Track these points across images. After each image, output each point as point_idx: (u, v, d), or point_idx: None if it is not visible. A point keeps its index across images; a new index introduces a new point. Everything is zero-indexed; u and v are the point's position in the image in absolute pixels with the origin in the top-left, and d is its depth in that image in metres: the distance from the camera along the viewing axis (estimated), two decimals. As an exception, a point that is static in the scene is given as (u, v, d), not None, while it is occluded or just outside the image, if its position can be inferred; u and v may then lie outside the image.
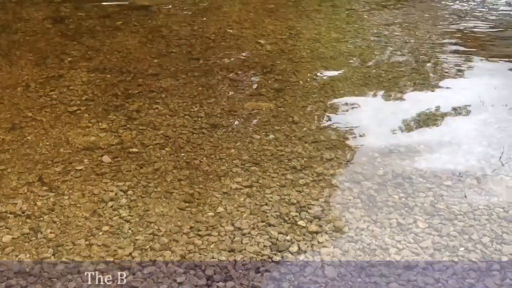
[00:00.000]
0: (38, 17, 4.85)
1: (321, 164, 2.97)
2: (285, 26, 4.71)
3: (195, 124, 3.33)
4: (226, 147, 3.12)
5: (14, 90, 3.66)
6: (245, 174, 2.89)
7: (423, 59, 4.16)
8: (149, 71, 3.96)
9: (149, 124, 3.31)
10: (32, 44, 4.34)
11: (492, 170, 2.88)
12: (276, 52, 4.27)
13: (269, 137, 3.20)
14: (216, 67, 4.05)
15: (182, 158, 3.00)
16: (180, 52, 4.27)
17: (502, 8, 5.09)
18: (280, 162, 2.98)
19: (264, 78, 3.88)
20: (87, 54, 4.19)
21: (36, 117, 3.36)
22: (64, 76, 3.85)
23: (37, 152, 3.03)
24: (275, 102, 3.58)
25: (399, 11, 5.06)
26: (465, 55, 4.22)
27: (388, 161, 2.98)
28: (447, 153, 3.03)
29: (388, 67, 4.03)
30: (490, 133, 3.23)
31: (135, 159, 2.98)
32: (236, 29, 4.68)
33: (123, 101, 3.56)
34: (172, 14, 5.03)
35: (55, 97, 3.58)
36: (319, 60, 4.14)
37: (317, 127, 3.32)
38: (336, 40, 4.47)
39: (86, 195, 2.70)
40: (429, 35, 4.56)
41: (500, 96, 3.65)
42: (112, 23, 4.75)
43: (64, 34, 4.53)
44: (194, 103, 3.57)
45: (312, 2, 5.24)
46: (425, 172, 2.87)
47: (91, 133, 3.21)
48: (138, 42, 4.40)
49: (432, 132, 3.25)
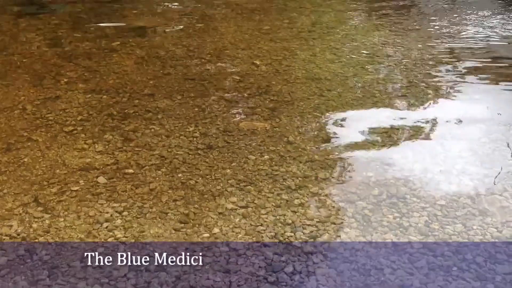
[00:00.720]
0: (35, 39, 4.89)
1: (316, 184, 2.98)
2: (280, 47, 4.76)
3: (191, 144, 3.35)
4: (222, 167, 3.13)
5: (11, 111, 3.68)
6: (240, 194, 2.90)
7: (416, 78, 4.21)
8: (145, 91, 3.98)
9: (144, 145, 3.32)
10: (29, 65, 4.37)
11: (485, 190, 2.90)
12: (271, 72, 4.30)
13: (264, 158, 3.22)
14: (212, 87, 4.08)
15: (178, 179, 3.02)
16: (176, 73, 4.30)
17: (499, 31, 5.14)
18: (275, 182, 2.99)
19: (260, 99, 3.91)
20: (84, 75, 4.22)
21: (32, 137, 3.37)
22: (61, 97, 3.87)
23: (33, 173, 3.04)
24: (270, 122, 3.61)
25: (392, 32, 5.12)
26: (458, 75, 4.27)
27: (382, 181, 3.00)
28: (440, 172, 3.05)
29: (382, 87, 4.07)
30: (483, 152, 3.25)
31: (131, 180, 2.99)
32: (231, 50, 4.72)
33: (119, 121, 3.58)
34: (168, 35, 5.08)
35: (51, 118, 3.60)
36: (313, 80, 4.18)
37: (312, 147, 3.34)
38: (330, 61, 4.52)
39: (82, 217, 2.70)
40: (422, 55, 4.61)
41: (492, 116, 3.68)
42: (109, 45, 4.79)
43: (61, 56, 4.57)
44: (190, 123, 3.59)
45: (307, 24, 5.30)
46: (419, 192, 2.89)
47: (87, 154, 3.22)
48: (134, 63, 4.44)
49: (425, 152, 3.27)
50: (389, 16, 5.50)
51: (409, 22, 5.39)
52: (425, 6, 5.86)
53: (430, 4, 5.87)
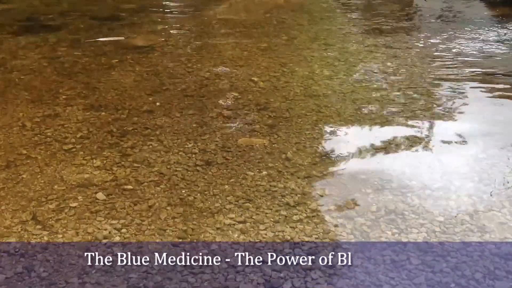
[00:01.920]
0: (34, 56, 4.92)
1: (315, 200, 2.98)
2: (278, 64, 4.79)
3: (189, 160, 3.36)
4: (220, 183, 3.14)
5: (10, 128, 3.69)
6: (239, 210, 2.90)
7: (415, 96, 4.23)
8: (144, 108, 4.00)
9: (143, 161, 3.33)
10: (28, 82, 4.39)
11: (484, 206, 2.90)
12: (270, 89, 4.32)
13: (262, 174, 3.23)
14: (210, 104, 4.10)
15: (176, 195, 3.02)
16: (175, 90, 4.32)
17: (493, 47, 5.18)
18: (274, 198, 3.00)
19: (258, 115, 3.93)
20: (83, 92, 4.23)
21: (31, 155, 3.38)
22: (60, 115, 3.88)
23: (31, 190, 3.04)
24: (268, 138, 3.62)
25: (390, 49, 5.15)
26: (455, 91, 4.29)
27: (380, 197, 3.00)
28: (439, 189, 3.06)
29: (380, 104, 4.09)
30: (481, 168, 3.26)
31: (130, 196, 3.00)
32: (230, 67, 4.74)
33: (117, 138, 3.59)
34: (167, 52, 5.10)
35: (50, 135, 3.61)
36: (311, 97, 4.20)
37: (310, 163, 3.35)
38: (329, 78, 4.54)
39: (80, 233, 2.70)
40: (419, 71, 4.64)
41: (490, 132, 3.70)
42: (108, 62, 4.82)
43: (60, 73, 4.59)
44: (189, 139, 3.60)
45: (305, 41, 5.33)
46: (417, 208, 2.89)
47: (85, 170, 3.23)
48: (133, 80, 4.46)
49: (423, 168, 3.28)
50: (387, 34, 5.54)
51: (407, 39, 5.43)
52: (423, 23, 5.91)
53: (427, 22, 5.91)
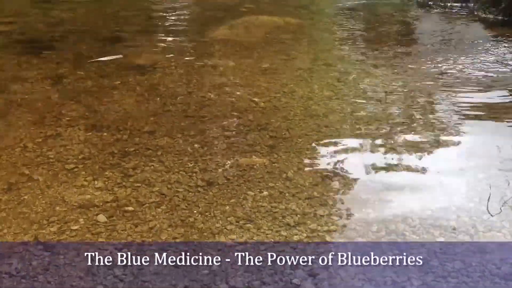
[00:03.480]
0: (36, 77, 4.96)
1: (315, 220, 2.99)
2: (278, 84, 4.82)
3: (191, 181, 3.37)
4: (221, 203, 3.15)
5: (12, 149, 3.71)
6: (240, 231, 2.90)
7: (415, 116, 4.24)
8: (145, 129, 4.02)
9: (144, 182, 3.34)
10: (30, 104, 4.42)
11: (484, 227, 2.91)
12: (270, 109, 4.35)
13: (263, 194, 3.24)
14: (211, 124, 4.13)
15: (177, 216, 3.03)
16: (176, 110, 4.35)
17: (493, 68, 5.20)
18: (274, 219, 3.00)
19: (259, 135, 3.95)
20: (85, 113, 4.26)
21: (33, 176, 3.39)
22: (62, 135, 3.91)
23: (33, 211, 3.05)
24: (269, 159, 3.63)
25: (390, 69, 5.18)
26: (455, 111, 4.31)
27: (381, 217, 3.01)
28: (439, 209, 3.06)
29: (380, 124, 4.11)
30: (482, 188, 3.27)
31: (131, 218, 3.01)
32: (231, 87, 4.78)
33: (119, 159, 3.61)
34: (168, 73, 5.14)
35: (52, 156, 3.63)
36: (312, 117, 4.22)
37: (311, 183, 3.36)
38: (328, 98, 4.57)
39: (81, 254, 2.70)
40: (419, 92, 4.66)
41: (489, 152, 3.71)
42: (110, 83, 4.85)
43: (62, 94, 4.62)
44: (190, 160, 3.62)
45: (305, 61, 5.37)
46: (418, 229, 2.89)
47: (87, 191, 3.24)
48: (135, 101, 4.49)
49: (424, 188, 3.29)
50: (387, 54, 5.58)
51: (407, 59, 5.47)
52: (423, 44, 5.95)
53: (427, 43, 5.96)
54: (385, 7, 7.44)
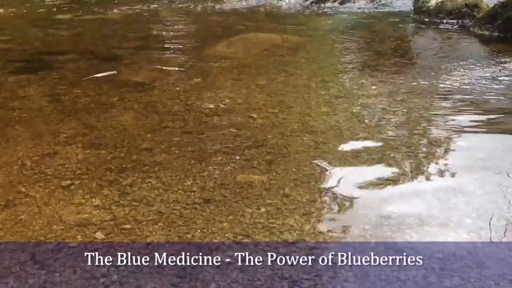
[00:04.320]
0: (34, 95, 4.97)
1: (313, 237, 2.99)
2: (276, 101, 4.84)
3: (188, 198, 3.37)
4: (219, 220, 3.14)
5: (10, 167, 3.71)
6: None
7: (412, 131, 4.25)
8: (142, 146, 4.03)
9: (142, 200, 3.34)
10: (28, 121, 4.43)
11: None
12: (268, 125, 4.36)
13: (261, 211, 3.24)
14: (209, 140, 4.13)
15: (175, 233, 3.02)
16: (174, 127, 4.36)
17: (489, 84, 5.23)
18: (272, 235, 3.00)
19: (256, 151, 3.96)
20: (83, 131, 4.27)
21: (30, 193, 3.39)
22: (59, 153, 3.91)
23: (30, 229, 3.04)
24: (267, 175, 3.64)
25: (387, 86, 5.20)
26: (453, 127, 4.32)
27: (379, 233, 3.01)
28: (437, 225, 3.06)
29: (377, 140, 4.12)
30: (480, 204, 3.27)
31: (128, 235, 3.00)
32: (228, 104, 4.79)
33: (117, 175, 3.61)
34: (166, 89, 5.16)
35: (49, 174, 3.63)
36: (309, 133, 4.23)
37: (309, 199, 3.36)
38: (326, 114, 4.58)
39: (78, 272, 2.69)
40: (417, 108, 4.67)
41: (486, 167, 3.71)
42: (108, 100, 4.87)
43: (60, 112, 4.63)
44: (187, 176, 3.62)
45: (302, 77, 5.40)
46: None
47: (84, 210, 3.24)
48: (133, 118, 4.50)
49: (421, 204, 3.29)
50: (383, 71, 5.61)
51: (404, 76, 5.49)
52: (419, 60, 5.98)
53: (424, 59, 5.99)
54: (382, 25, 7.49)
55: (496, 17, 6.75)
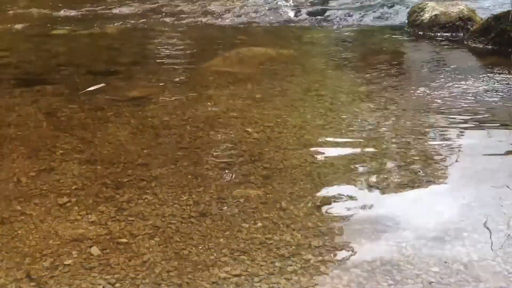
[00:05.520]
0: (30, 111, 4.97)
1: (310, 251, 2.99)
2: (272, 115, 4.85)
3: (184, 213, 3.37)
4: (215, 236, 3.14)
5: (6, 184, 3.71)
6: (234, 263, 2.90)
7: (407, 145, 4.26)
8: (138, 161, 4.03)
9: (138, 215, 3.34)
10: (24, 137, 4.43)
11: (478, 256, 2.91)
12: (264, 139, 4.37)
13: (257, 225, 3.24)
14: (205, 155, 4.14)
15: (171, 249, 3.02)
16: (170, 142, 4.37)
17: (483, 97, 5.25)
18: (269, 251, 3.00)
19: (252, 166, 3.96)
20: (78, 146, 4.27)
21: (26, 210, 3.39)
22: (56, 169, 3.91)
23: (26, 245, 3.04)
24: (263, 189, 3.64)
25: (382, 99, 5.22)
26: (448, 142, 4.34)
27: (375, 247, 3.01)
28: (433, 239, 3.07)
29: (373, 153, 4.13)
30: (475, 218, 3.28)
31: (124, 251, 3.00)
32: (224, 118, 4.81)
33: (113, 191, 3.61)
34: (162, 104, 5.17)
35: (45, 190, 3.63)
36: (305, 147, 4.24)
37: (305, 214, 3.36)
38: (321, 127, 4.60)
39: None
40: (413, 122, 4.68)
41: (482, 180, 3.73)
42: (104, 115, 4.87)
43: (56, 127, 4.63)
44: (184, 192, 3.62)
45: (297, 92, 5.42)
46: (412, 259, 2.89)
47: (80, 226, 3.24)
48: (129, 133, 4.51)
49: (418, 218, 3.30)
50: (378, 84, 5.63)
51: (399, 89, 5.51)
52: (413, 73, 6.01)
53: (418, 72, 6.02)
54: (376, 38, 7.53)
55: (489, 30, 6.80)
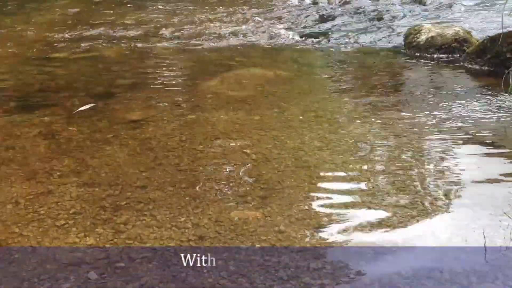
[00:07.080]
0: (29, 134, 4.98)
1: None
2: (270, 136, 4.86)
3: (182, 235, 3.37)
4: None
5: (3, 206, 3.71)
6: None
7: (406, 167, 4.26)
8: (137, 183, 4.03)
9: (136, 238, 3.33)
10: (22, 160, 4.43)
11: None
12: (262, 161, 4.38)
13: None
14: (203, 177, 4.14)
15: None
16: (168, 164, 4.37)
17: (481, 117, 5.27)
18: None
19: (251, 187, 3.97)
20: (77, 168, 4.27)
21: (23, 233, 3.38)
22: (54, 192, 3.91)
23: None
24: (261, 211, 3.64)
25: (381, 120, 5.24)
26: (446, 163, 4.34)
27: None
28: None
29: (371, 175, 4.14)
30: (474, 239, 3.28)
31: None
32: (222, 140, 4.81)
33: (111, 214, 3.61)
34: (160, 126, 5.18)
35: (43, 213, 3.62)
36: (303, 168, 4.25)
37: (303, 235, 3.36)
38: (319, 149, 4.61)
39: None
40: (411, 143, 4.69)
41: (480, 202, 3.73)
42: (102, 137, 4.88)
43: (55, 150, 4.64)
44: (181, 213, 3.63)
45: (296, 113, 5.43)
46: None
47: (78, 249, 3.23)
48: (127, 155, 4.51)
49: (416, 240, 3.30)
50: (377, 105, 5.64)
51: (397, 110, 5.52)
52: (411, 94, 6.03)
53: (416, 93, 6.03)
54: (373, 59, 7.57)
55: (485, 51, 6.84)
